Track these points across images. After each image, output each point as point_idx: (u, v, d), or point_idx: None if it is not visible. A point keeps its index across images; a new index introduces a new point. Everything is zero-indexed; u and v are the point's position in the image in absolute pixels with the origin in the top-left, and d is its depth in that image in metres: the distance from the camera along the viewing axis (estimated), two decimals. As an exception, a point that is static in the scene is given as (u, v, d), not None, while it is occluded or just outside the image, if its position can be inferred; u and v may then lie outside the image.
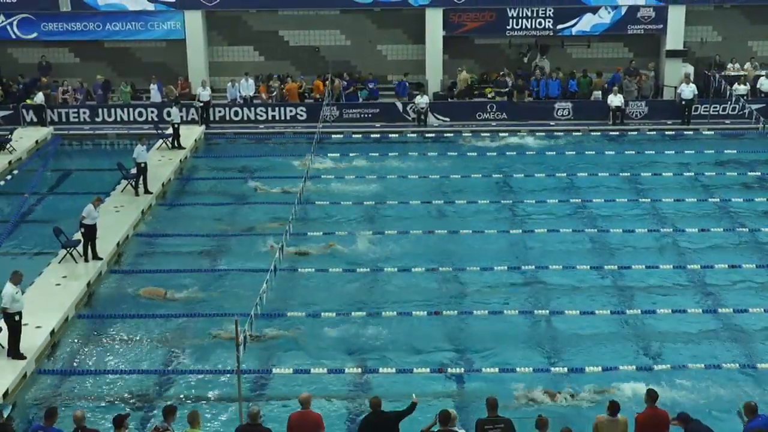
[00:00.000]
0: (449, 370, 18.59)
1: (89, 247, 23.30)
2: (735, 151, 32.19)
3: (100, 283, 22.85)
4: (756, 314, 20.59)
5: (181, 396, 17.69)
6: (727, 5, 38.00)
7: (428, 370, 18.55)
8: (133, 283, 22.83)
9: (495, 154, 32.63)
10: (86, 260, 23.25)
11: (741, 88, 35.47)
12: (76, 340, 20.14)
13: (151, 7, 37.27)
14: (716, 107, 35.74)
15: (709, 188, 28.97)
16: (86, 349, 19.77)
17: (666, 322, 20.44)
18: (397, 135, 35.30)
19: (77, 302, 21.49)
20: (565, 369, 18.52)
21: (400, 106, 36.43)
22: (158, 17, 37.54)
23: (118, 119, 36.40)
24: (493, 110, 36.47)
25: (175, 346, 19.86)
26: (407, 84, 37.10)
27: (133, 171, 28.34)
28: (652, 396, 14.39)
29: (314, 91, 37.09)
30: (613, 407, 14.16)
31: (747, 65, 37.24)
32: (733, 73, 36.62)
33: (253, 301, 19.09)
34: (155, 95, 36.84)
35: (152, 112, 36.28)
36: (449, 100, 37.01)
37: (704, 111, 35.70)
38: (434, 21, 37.13)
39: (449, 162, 32.00)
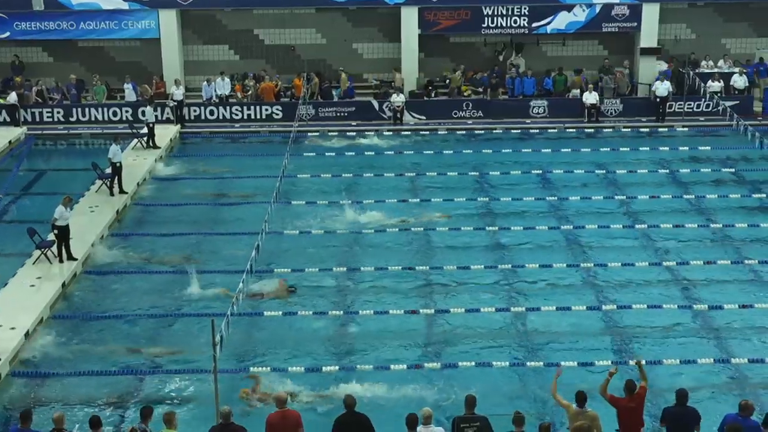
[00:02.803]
0: (426, 365, 18.61)
1: (63, 247, 23.15)
2: (709, 148, 32.38)
3: (75, 284, 22.70)
4: (731, 310, 20.72)
5: (158, 396, 17.58)
6: (700, 3, 38.25)
7: (405, 366, 18.56)
8: (111, 281, 22.73)
9: (470, 151, 32.65)
10: (61, 261, 23.11)
11: (715, 85, 35.68)
12: (51, 342, 19.99)
13: (125, 6, 37.04)
14: (690, 104, 35.97)
15: (684, 185, 29.13)
16: (62, 351, 19.61)
17: (641, 318, 20.56)
18: (373, 133, 35.28)
19: (52, 303, 21.35)
20: (542, 363, 18.60)
21: (376, 104, 36.42)
22: (132, 16, 37.33)
23: (93, 119, 36.18)
24: (469, 108, 36.53)
25: (151, 345, 19.76)
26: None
27: (108, 171, 28.19)
28: (630, 387, 14.46)
29: (296, 90, 36.85)
30: (581, 398, 14.20)
31: (720, 62, 37.46)
32: (706, 71, 36.82)
33: (229, 301, 19.01)
34: (130, 95, 36.64)
35: (127, 111, 36.08)
36: (425, 98, 37.02)
37: (678, 108, 35.91)
38: (409, 19, 37.13)
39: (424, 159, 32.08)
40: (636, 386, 14.53)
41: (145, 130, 32.89)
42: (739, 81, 36.21)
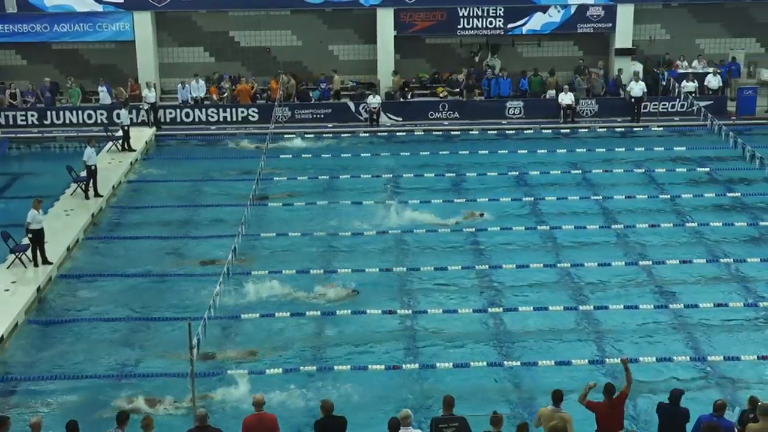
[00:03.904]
0: (404, 366, 18.63)
1: (38, 251, 22.99)
2: (684, 148, 32.54)
3: (50, 288, 22.54)
4: (706, 309, 20.83)
5: (134, 401, 17.46)
6: (674, 4, 38.47)
7: (383, 367, 18.57)
8: (87, 285, 22.60)
9: (447, 152, 32.68)
10: (36, 265, 22.94)
11: (689, 86, 35.89)
12: (26, 347, 19.84)
13: (99, 8, 36.84)
14: (665, 104, 36.18)
15: (660, 184, 29.28)
16: (37, 355, 19.48)
17: (618, 317, 20.65)
18: (349, 135, 35.27)
19: (27, 308, 21.18)
20: (518, 363, 18.65)
21: (352, 106, 36.41)
22: (107, 18, 37.14)
23: (67, 122, 35.96)
24: (445, 109, 36.57)
25: (127, 351, 19.67)
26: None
27: (83, 174, 28.03)
28: (609, 390, 14.48)
29: (272, 92, 36.74)
30: (557, 397, 14.22)
31: (695, 63, 37.69)
32: (681, 71, 37.03)
33: (206, 305, 18.94)
34: (104, 97, 36.41)
35: (102, 114, 35.89)
36: (402, 99, 37.04)
37: (653, 108, 36.11)
38: (385, 21, 37.14)
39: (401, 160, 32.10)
40: (615, 390, 14.54)
41: (120, 132, 32.69)
42: (713, 81, 36.43)
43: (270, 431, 14.15)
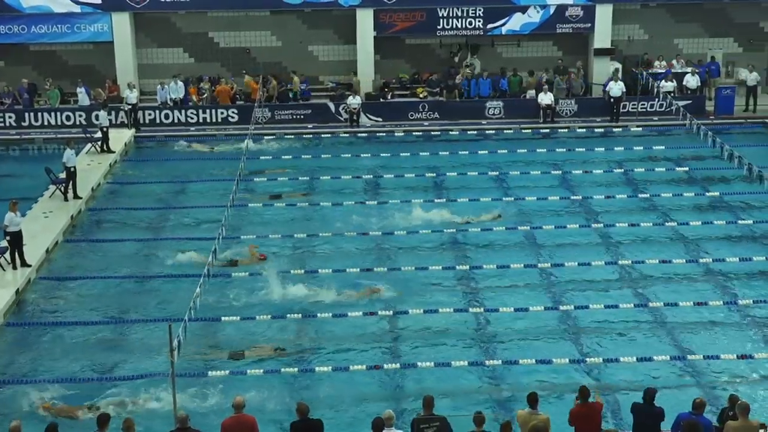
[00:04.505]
0: (385, 366, 18.64)
1: (16, 254, 22.84)
2: (663, 147, 32.68)
3: (28, 291, 22.39)
4: (686, 307, 20.94)
5: (115, 403, 17.37)
6: (653, 4, 38.63)
7: (364, 367, 18.56)
8: (66, 288, 22.48)
9: (427, 153, 32.69)
10: (14, 267, 22.79)
11: (668, 85, 36.04)
12: (4, 350, 19.70)
13: (77, 9, 36.63)
14: (644, 104, 36.34)
15: (639, 184, 29.41)
16: (15, 358, 19.37)
17: (598, 317, 20.72)
18: (329, 136, 35.23)
19: (5, 310, 21.04)
20: (500, 362, 18.70)
21: (332, 106, 36.38)
22: (85, 19, 36.93)
23: (46, 123, 35.74)
24: (425, 110, 36.59)
25: (107, 353, 19.56)
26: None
27: (62, 176, 27.88)
28: (584, 394, 14.49)
29: (251, 93, 36.65)
30: (533, 399, 14.24)
31: (673, 62, 37.87)
32: (660, 71, 37.20)
33: (186, 305, 18.85)
34: (83, 98, 36.20)
35: (80, 115, 35.68)
36: (381, 100, 37.04)
37: (632, 108, 36.26)
38: (365, 21, 37.12)
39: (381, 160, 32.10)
40: (590, 393, 14.59)
41: (99, 134, 32.53)
42: (692, 81, 36.60)
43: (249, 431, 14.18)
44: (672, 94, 35.53)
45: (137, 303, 21.83)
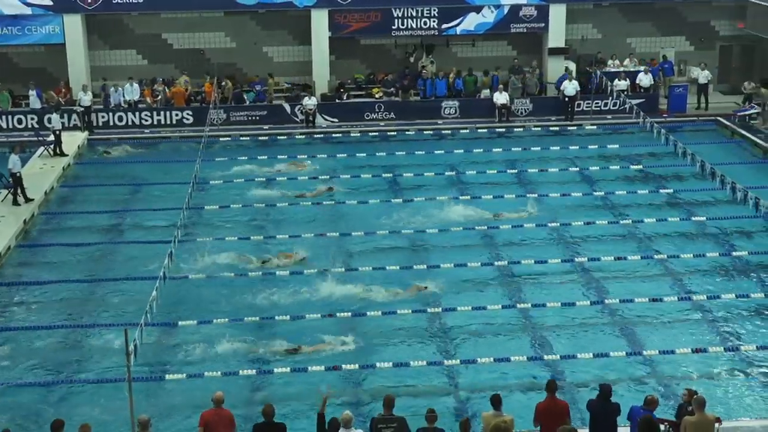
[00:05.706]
0: (344, 366, 18.61)
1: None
2: (617, 146, 32.97)
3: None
4: (641, 303, 21.14)
5: (70, 408, 17.16)
6: (605, 4, 38.95)
7: (323, 368, 18.51)
8: (19, 293, 22.17)
9: (383, 153, 32.67)
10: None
11: (621, 84, 36.36)
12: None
13: (28, 11, 36.13)
14: (598, 103, 36.63)
15: (594, 182, 29.62)
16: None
17: (555, 314, 20.84)
18: (285, 137, 35.10)
19: (-43, 317, 20.76)
20: (458, 361, 18.75)
21: (287, 107, 36.26)
22: (36, 21, 36.43)
23: (-3, 127, 35.30)
24: (381, 110, 36.59)
25: (62, 356, 19.36)
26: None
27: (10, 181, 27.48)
28: (551, 387, 14.58)
29: (206, 94, 36.41)
30: (496, 400, 14.25)
31: (626, 61, 38.21)
32: (613, 70, 37.52)
33: (142, 309, 18.68)
34: (35, 101, 35.73)
35: (32, 119, 35.24)
36: (337, 101, 36.97)
37: (587, 107, 36.52)
38: (320, 22, 37.02)
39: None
40: (557, 386, 14.67)
41: (51, 137, 32.12)
42: (645, 79, 36.95)
43: (229, 424, 14.39)
44: (625, 93, 35.86)
45: (92, 307, 21.60)
